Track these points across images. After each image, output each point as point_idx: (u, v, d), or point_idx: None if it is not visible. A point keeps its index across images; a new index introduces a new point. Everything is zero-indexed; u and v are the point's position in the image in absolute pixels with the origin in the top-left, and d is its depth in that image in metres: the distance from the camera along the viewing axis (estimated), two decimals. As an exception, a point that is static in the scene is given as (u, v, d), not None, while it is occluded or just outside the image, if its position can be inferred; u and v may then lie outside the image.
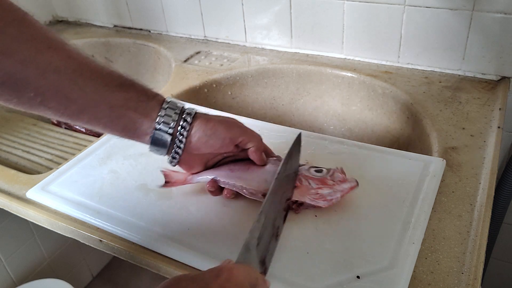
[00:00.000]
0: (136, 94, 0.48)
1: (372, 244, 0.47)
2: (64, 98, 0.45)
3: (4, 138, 0.91)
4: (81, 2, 1.18)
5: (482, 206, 0.52)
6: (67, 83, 0.44)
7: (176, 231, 0.51)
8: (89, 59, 0.47)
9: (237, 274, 0.34)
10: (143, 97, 0.48)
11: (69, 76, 0.44)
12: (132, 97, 0.47)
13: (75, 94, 0.45)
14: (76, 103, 0.45)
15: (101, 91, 0.46)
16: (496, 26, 0.72)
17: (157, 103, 0.49)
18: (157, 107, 0.49)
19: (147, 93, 0.49)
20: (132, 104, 0.47)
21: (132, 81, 0.49)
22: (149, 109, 0.48)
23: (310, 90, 0.87)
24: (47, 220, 0.56)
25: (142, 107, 0.48)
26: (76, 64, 0.45)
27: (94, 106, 0.46)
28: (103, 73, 0.47)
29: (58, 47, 0.45)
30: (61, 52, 0.45)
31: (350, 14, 0.82)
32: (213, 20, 0.99)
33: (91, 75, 0.46)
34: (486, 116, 0.68)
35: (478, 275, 0.44)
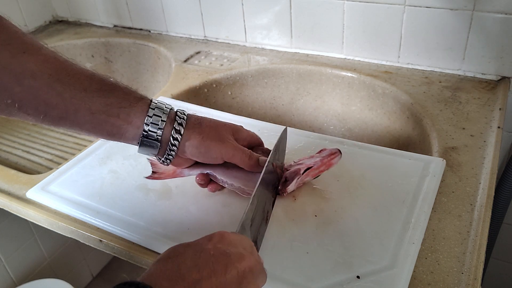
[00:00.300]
0: (117, 100, 0.46)
1: (372, 244, 0.47)
2: (43, 105, 0.43)
3: (4, 138, 0.91)
4: (81, 2, 1.18)
5: (482, 206, 0.52)
6: (45, 89, 0.43)
7: (176, 231, 0.51)
8: (67, 62, 0.45)
9: (228, 236, 0.36)
10: (125, 103, 0.46)
11: (46, 82, 0.43)
12: (112, 102, 0.46)
13: (53, 100, 0.43)
14: (56, 109, 0.44)
15: (80, 96, 0.44)
16: (496, 26, 0.72)
17: (141, 109, 0.47)
18: (141, 113, 0.47)
19: (129, 98, 0.47)
20: (114, 110, 0.46)
21: (113, 85, 0.47)
22: (132, 116, 0.47)
23: (310, 90, 0.87)
24: (47, 220, 0.56)
25: (124, 113, 0.46)
26: (52, 69, 0.43)
27: (74, 112, 0.45)
28: (82, 77, 0.45)
29: (33, 52, 0.43)
30: (36, 57, 0.43)
31: (350, 14, 0.82)
32: (213, 20, 0.99)
33: (69, 79, 0.44)
34: (486, 116, 0.68)
35: (478, 275, 0.44)
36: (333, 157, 0.51)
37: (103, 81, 0.46)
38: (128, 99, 0.47)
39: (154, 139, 0.48)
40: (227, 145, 0.50)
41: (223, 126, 0.52)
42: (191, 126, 0.49)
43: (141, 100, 0.48)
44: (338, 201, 0.53)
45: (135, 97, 0.47)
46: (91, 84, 0.45)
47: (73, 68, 0.45)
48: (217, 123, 0.52)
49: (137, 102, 0.47)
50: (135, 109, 0.47)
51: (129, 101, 0.47)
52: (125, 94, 0.47)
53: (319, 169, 0.52)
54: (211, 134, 0.50)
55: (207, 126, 0.50)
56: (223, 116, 0.72)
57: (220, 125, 0.52)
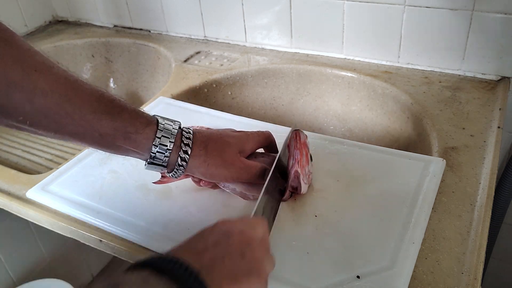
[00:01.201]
0: (123, 124, 0.46)
1: (372, 244, 0.47)
2: (53, 123, 0.44)
3: (4, 138, 0.91)
4: (81, 2, 1.18)
5: (482, 206, 0.52)
6: (55, 109, 0.43)
7: (176, 231, 0.51)
8: (77, 82, 0.45)
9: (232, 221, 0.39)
10: (131, 128, 0.47)
11: (56, 101, 0.43)
12: (119, 127, 0.46)
13: (63, 121, 0.44)
14: (65, 128, 0.45)
15: (89, 118, 0.45)
16: (496, 26, 0.72)
17: (147, 136, 0.47)
18: (148, 140, 0.47)
19: (136, 123, 0.47)
20: (121, 134, 0.46)
21: (121, 107, 0.47)
22: (139, 142, 0.47)
23: (310, 90, 0.87)
24: (47, 220, 0.56)
25: (131, 139, 0.47)
26: (63, 89, 0.44)
27: (83, 132, 0.45)
28: (92, 98, 0.45)
29: (45, 70, 0.43)
30: (48, 76, 0.43)
31: (350, 14, 0.82)
32: (213, 20, 0.99)
33: (78, 101, 0.44)
34: (486, 116, 0.68)
35: (478, 275, 0.44)
36: (299, 137, 0.53)
37: (111, 103, 0.46)
38: (135, 124, 0.47)
39: (161, 164, 0.49)
40: (231, 170, 0.51)
41: (228, 147, 0.51)
42: (197, 151, 0.49)
43: (148, 126, 0.48)
44: (338, 201, 0.53)
45: (141, 123, 0.47)
46: (100, 105, 0.45)
47: (83, 89, 0.45)
48: (222, 145, 0.51)
49: (144, 128, 0.47)
50: (141, 136, 0.47)
51: (136, 126, 0.47)
52: (132, 119, 0.47)
53: (302, 154, 0.52)
54: (216, 160, 0.50)
55: (212, 149, 0.50)
56: (223, 116, 0.72)
57: (225, 146, 0.51)
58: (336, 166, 0.59)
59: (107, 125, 0.45)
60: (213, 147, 0.50)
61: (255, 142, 0.55)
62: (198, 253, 0.34)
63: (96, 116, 0.45)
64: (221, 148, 0.51)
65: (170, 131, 0.48)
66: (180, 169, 0.49)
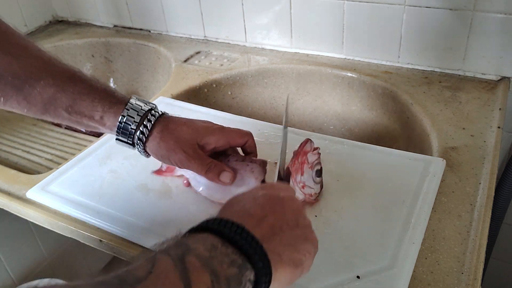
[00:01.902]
0: (92, 103, 0.49)
1: (372, 244, 0.47)
2: (24, 102, 0.47)
3: (4, 138, 0.91)
4: (81, 2, 1.18)
5: (482, 206, 0.52)
6: (27, 88, 0.47)
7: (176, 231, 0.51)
8: (50, 62, 0.48)
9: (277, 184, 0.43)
10: (99, 107, 0.49)
11: (28, 82, 0.46)
12: (88, 105, 0.49)
13: (33, 100, 0.47)
14: (36, 106, 0.48)
15: (58, 96, 0.48)
16: (496, 26, 0.72)
17: (115, 113, 0.50)
18: (115, 117, 0.50)
19: (104, 102, 0.49)
20: (89, 112, 0.49)
21: (92, 87, 0.49)
22: (106, 119, 0.50)
23: (310, 90, 0.87)
24: (47, 220, 0.56)
25: (98, 116, 0.49)
26: (35, 69, 0.47)
27: (53, 110, 0.48)
28: (63, 78, 0.48)
29: (18, 54, 0.46)
30: (22, 59, 0.46)
31: (350, 14, 0.82)
32: (213, 20, 0.99)
33: (49, 80, 0.47)
34: (486, 116, 0.68)
35: (478, 275, 0.44)
36: (303, 145, 0.53)
37: (83, 83, 0.49)
38: (103, 103, 0.49)
39: (127, 136, 0.51)
40: (178, 156, 0.50)
41: (186, 134, 0.51)
42: (155, 131, 0.51)
43: (116, 104, 0.50)
44: (338, 201, 0.53)
45: (111, 101, 0.50)
46: (70, 85, 0.48)
47: (56, 68, 0.48)
48: (181, 130, 0.51)
49: (111, 106, 0.50)
50: (108, 113, 0.50)
51: (103, 105, 0.49)
52: (101, 98, 0.49)
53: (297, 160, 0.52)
54: (169, 143, 0.51)
55: (169, 132, 0.51)
56: (223, 116, 0.72)
57: (183, 132, 0.51)
58: (336, 166, 0.59)
59: (76, 104, 0.48)
60: (170, 131, 0.51)
61: (225, 138, 0.53)
62: (258, 220, 0.35)
63: (66, 95, 0.48)
64: (178, 133, 0.51)
65: (137, 110, 0.50)
66: (140, 144, 0.51)
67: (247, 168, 0.53)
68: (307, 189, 0.52)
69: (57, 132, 0.92)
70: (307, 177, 0.52)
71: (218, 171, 0.51)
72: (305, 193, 0.51)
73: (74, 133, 0.91)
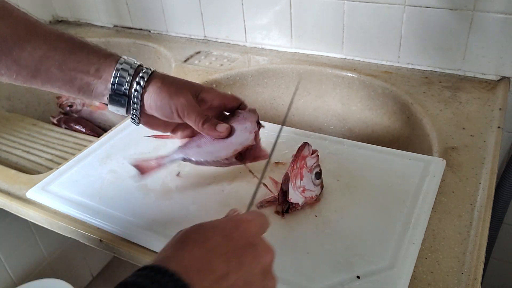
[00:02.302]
0: (87, 57, 0.48)
1: (372, 244, 0.47)
2: (14, 64, 0.47)
3: (4, 138, 0.91)
4: (81, 2, 1.18)
5: (482, 206, 0.52)
6: (16, 50, 0.46)
7: (176, 231, 0.50)
8: (37, 23, 0.48)
9: (255, 224, 0.35)
10: (94, 59, 0.49)
11: (17, 43, 0.46)
12: (83, 59, 0.48)
13: (23, 61, 0.47)
14: (27, 68, 0.47)
15: (50, 55, 0.47)
16: (496, 26, 0.72)
17: (110, 64, 0.49)
18: (110, 68, 0.49)
19: (99, 54, 0.49)
20: (84, 66, 0.48)
21: (82, 43, 0.49)
22: (102, 71, 0.49)
23: (310, 90, 0.87)
24: (47, 220, 0.56)
25: (93, 69, 0.49)
26: (23, 31, 0.46)
27: (45, 70, 0.47)
28: (52, 36, 0.48)
29: (4, 16, 0.46)
30: (7, 20, 0.46)
31: (350, 14, 0.82)
32: (213, 20, 0.99)
33: (39, 40, 0.47)
34: (486, 116, 0.68)
35: (478, 275, 0.44)
36: (301, 149, 0.52)
37: (72, 40, 0.49)
38: (98, 55, 0.49)
39: (121, 94, 0.49)
40: (181, 101, 0.50)
41: (184, 84, 0.52)
42: (153, 80, 0.51)
43: (110, 56, 0.50)
44: (338, 201, 0.53)
45: (105, 54, 0.50)
46: (61, 42, 0.48)
47: (44, 29, 0.48)
48: (179, 81, 0.52)
49: (106, 58, 0.49)
50: (104, 65, 0.49)
51: (99, 57, 0.49)
52: (95, 52, 0.49)
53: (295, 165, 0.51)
54: (169, 88, 0.50)
55: (168, 81, 0.51)
56: (223, 116, 0.72)
57: (181, 82, 0.52)
58: (336, 166, 0.59)
59: (70, 59, 0.48)
60: (169, 80, 0.51)
61: (220, 98, 0.55)
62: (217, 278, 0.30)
63: (58, 52, 0.47)
64: (177, 82, 0.51)
65: (131, 64, 0.50)
66: (136, 96, 0.50)
67: (240, 116, 0.55)
68: (308, 193, 0.52)
69: (57, 132, 0.92)
70: (307, 181, 0.52)
71: (215, 122, 0.52)
72: (305, 197, 0.51)
73: (74, 133, 0.91)
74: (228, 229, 0.34)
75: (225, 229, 0.34)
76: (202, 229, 0.34)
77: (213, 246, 0.32)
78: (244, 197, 0.55)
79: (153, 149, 0.65)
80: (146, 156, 0.64)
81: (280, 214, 0.52)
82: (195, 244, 0.32)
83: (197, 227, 0.34)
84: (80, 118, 0.97)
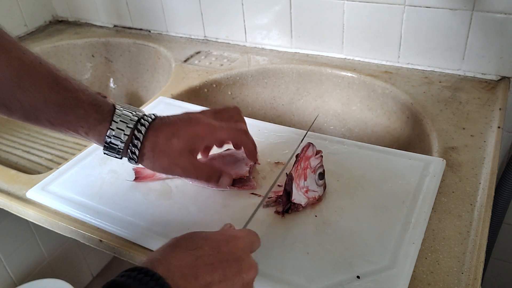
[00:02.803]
0: (76, 119, 0.46)
1: (372, 244, 0.47)
2: (5, 108, 0.45)
3: (4, 138, 0.91)
4: (81, 2, 1.18)
5: (482, 206, 0.52)
6: (7, 93, 0.43)
7: (176, 231, 0.51)
8: (32, 65, 0.45)
9: (243, 241, 0.37)
10: (84, 123, 0.46)
11: (7, 86, 0.43)
12: (72, 120, 0.46)
13: (13, 105, 0.44)
14: (17, 113, 0.45)
15: (39, 107, 0.45)
16: (496, 26, 0.72)
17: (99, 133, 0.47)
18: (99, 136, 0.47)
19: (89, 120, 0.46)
20: (73, 127, 0.46)
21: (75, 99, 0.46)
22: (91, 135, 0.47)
23: (310, 90, 0.87)
24: (47, 220, 0.56)
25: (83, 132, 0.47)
26: (15, 74, 0.43)
27: (35, 119, 0.45)
28: (44, 85, 0.44)
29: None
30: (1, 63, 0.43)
31: (350, 14, 0.82)
32: (213, 20, 0.99)
33: (30, 87, 0.44)
34: (486, 116, 0.68)
35: (478, 275, 0.44)
36: (305, 150, 0.52)
37: (65, 93, 0.45)
38: (88, 121, 0.46)
39: (115, 156, 0.49)
40: (177, 170, 0.50)
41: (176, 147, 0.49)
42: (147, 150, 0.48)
43: (101, 123, 0.47)
44: (338, 201, 0.53)
45: (96, 119, 0.47)
46: (51, 95, 0.45)
47: (37, 74, 0.44)
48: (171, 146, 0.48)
49: (96, 126, 0.47)
50: (93, 132, 0.47)
51: (89, 122, 0.47)
52: (86, 115, 0.46)
53: (299, 165, 0.51)
54: (163, 161, 0.49)
55: (160, 151, 0.48)
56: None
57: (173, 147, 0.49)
58: (336, 166, 0.59)
59: (59, 117, 0.45)
60: (161, 148, 0.48)
61: (213, 141, 0.53)
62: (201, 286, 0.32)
63: (48, 106, 0.45)
64: (169, 149, 0.49)
65: (123, 130, 0.47)
66: (133, 162, 0.49)
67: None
68: (311, 193, 0.52)
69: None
70: (310, 181, 0.52)
71: (217, 178, 0.53)
72: (308, 197, 0.52)
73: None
74: (218, 242, 0.35)
75: (215, 241, 0.36)
76: (193, 237, 0.35)
77: (201, 255, 0.33)
78: (244, 197, 0.55)
79: (153, 149, 0.65)
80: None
81: (280, 214, 0.52)
82: (184, 250, 0.33)
83: (189, 235, 0.35)
84: (80, 118, 0.97)
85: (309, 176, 0.52)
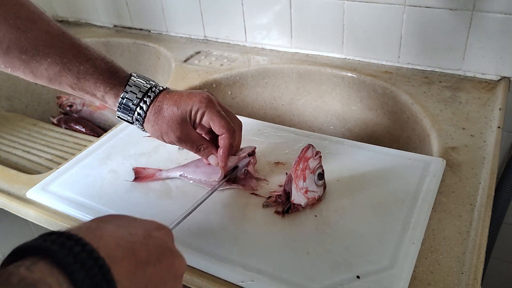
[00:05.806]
0: (94, 85, 0.51)
1: (372, 244, 0.47)
2: (31, 74, 0.50)
3: (4, 138, 0.91)
4: (81, 2, 1.18)
5: (482, 206, 0.52)
6: (34, 63, 0.49)
7: (176, 231, 0.51)
8: (58, 38, 0.50)
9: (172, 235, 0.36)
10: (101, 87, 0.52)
11: (35, 58, 0.48)
12: (91, 85, 0.51)
13: (39, 74, 0.50)
14: (42, 79, 0.50)
15: (64, 74, 0.50)
16: (496, 26, 0.72)
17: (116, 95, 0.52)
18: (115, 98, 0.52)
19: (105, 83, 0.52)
20: (92, 91, 0.52)
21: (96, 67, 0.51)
22: (107, 99, 0.53)
23: (310, 90, 0.87)
24: (47, 220, 0.56)
25: (100, 95, 0.52)
26: (42, 46, 0.48)
27: (59, 84, 0.51)
28: (68, 55, 0.50)
29: (27, 27, 0.48)
30: (30, 33, 0.48)
31: (350, 14, 0.82)
32: (213, 20, 0.99)
33: (56, 57, 0.49)
34: (486, 116, 0.68)
35: (478, 275, 0.44)
36: (304, 150, 0.52)
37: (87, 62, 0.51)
38: (105, 86, 0.52)
39: (126, 120, 0.54)
40: (172, 138, 0.53)
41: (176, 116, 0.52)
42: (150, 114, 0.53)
43: (115, 87, 0.52)
44: (338, 201, 0.53)
45: (111, 84, 0.52)
46: (75, 64, 0.50)
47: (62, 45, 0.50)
48: (171, 113, 0.52)
49: (112, 88, 0.52)
50: (108, 95, 0.52)
51: (105, 85, 0.52)
52: (103, 80, 0.52)
53: (298, 166, 0.51)
54: (161, 125, 0.53)
55: (161, 116, 0.53)
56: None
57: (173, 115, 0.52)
58: (336, 166, 0.59)
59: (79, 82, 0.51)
60: (162, 113, 0.53)
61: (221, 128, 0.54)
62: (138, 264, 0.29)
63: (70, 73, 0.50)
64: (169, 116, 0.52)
65: (136, 93, 0.52)
66: (138, 124, 0.54)
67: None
68: (310, 193, 0.52)
69: (57, 132, 0.92)
70: (310, 182, 0.52)
71: (207, 154, 0.55)
72: (308, 198, 0.52)
73: (74, 133, 0.91)
74: (149, 226, 0.33)
75: (146, 224, 0.34)
76: (123, 217, 0.33)
77: (135, 233, 0.31)
78: (244, 197, 0.55)
79: (152, 149, 0.65)
80: (146, 155, 0.64)
81: (280, 214, 0.52)
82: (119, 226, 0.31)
83: (117, 215, 0.33)
84: (80, 118, 0.97)
85: (308, 177, 0.52)
